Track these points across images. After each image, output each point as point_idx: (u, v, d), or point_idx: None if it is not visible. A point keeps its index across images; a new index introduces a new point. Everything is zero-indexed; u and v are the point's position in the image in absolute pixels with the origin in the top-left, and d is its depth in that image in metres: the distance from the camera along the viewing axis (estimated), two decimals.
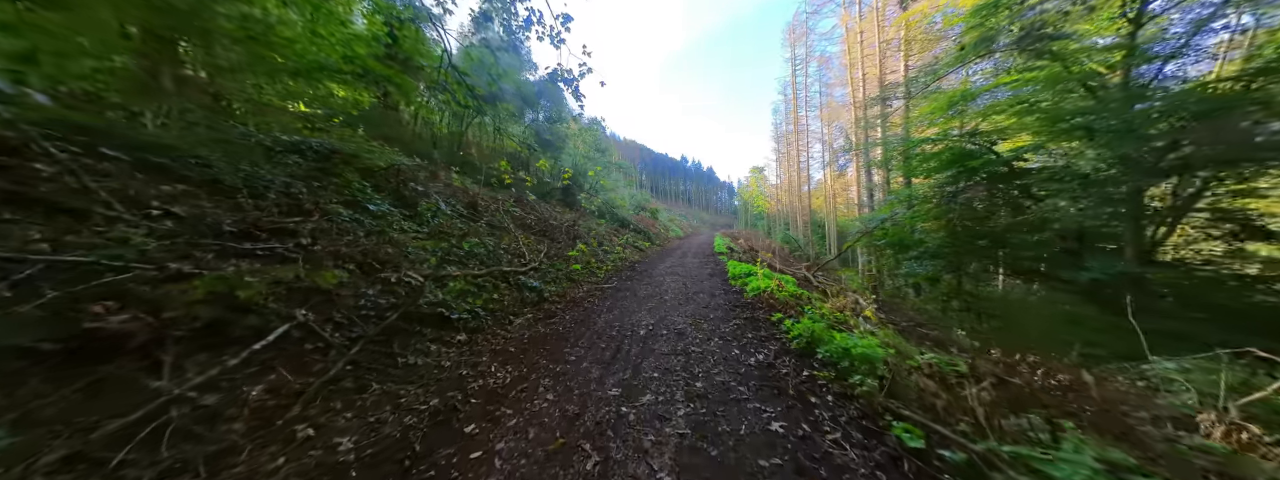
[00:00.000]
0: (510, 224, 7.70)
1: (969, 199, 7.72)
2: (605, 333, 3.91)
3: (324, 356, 2.35)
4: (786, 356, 3.17)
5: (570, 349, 3.43)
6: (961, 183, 8.05)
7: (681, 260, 10.90)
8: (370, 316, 2.86)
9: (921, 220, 8.86)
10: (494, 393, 2.50)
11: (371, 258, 3.35)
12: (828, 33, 19.35)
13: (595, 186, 16.50)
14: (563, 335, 3.80)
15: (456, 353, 3.11)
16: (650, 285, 6.73)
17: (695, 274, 8.30)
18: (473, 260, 4.81)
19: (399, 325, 2.96)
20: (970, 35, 7.80)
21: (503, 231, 7.17)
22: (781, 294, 5.06)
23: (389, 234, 4.12)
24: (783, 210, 30.99)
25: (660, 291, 6.14)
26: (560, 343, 3.58)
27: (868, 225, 8.79)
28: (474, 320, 3.65)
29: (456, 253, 4.60)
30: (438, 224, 5.41)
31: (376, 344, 2.69)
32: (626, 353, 3.33)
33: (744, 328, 4.04)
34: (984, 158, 7.77)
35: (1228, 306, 5.58)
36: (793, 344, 3.36)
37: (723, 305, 5.12)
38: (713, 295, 5.84)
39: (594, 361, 3.12)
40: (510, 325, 3.98)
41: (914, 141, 9.47)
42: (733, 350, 3.39)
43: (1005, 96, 7.45)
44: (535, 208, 10.32)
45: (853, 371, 2.60)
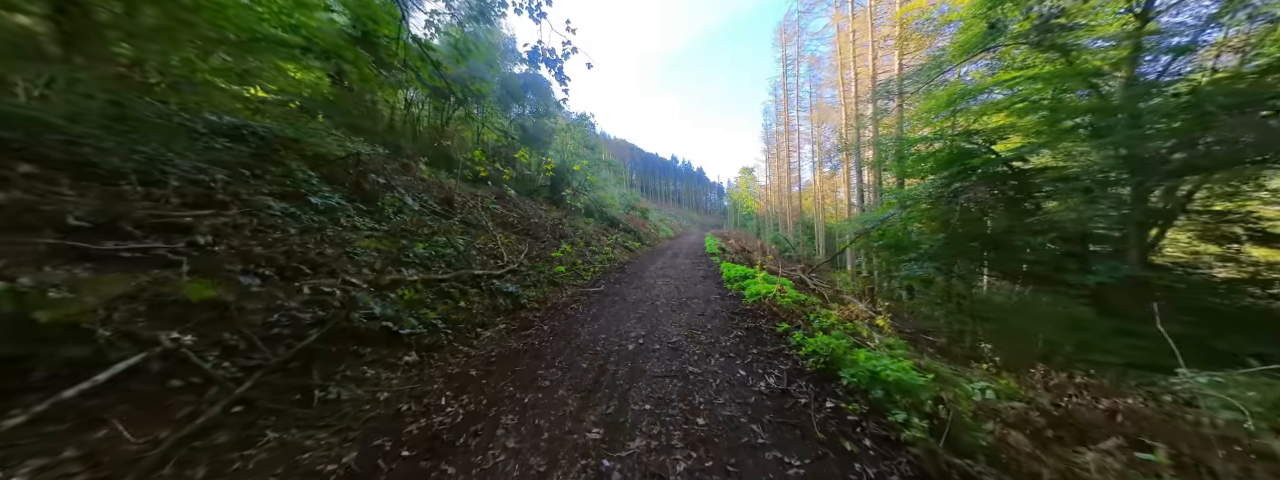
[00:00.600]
0: (489, 222, 7.03)
1: (968, 200, 7.37)
2: (588, 348, 3.32)
3: (199, 396, 1.71)
4: (802, 380, 2.64)
5: (545, 370, 2.83)
6: (960, 183, 7.71)
7: (673, 261, 10.36)
8: (283, 337, 2.21)
9: (918, 221, 8.51)
10: (437, 439, 1.89)
11: (298, 260, 2.69)
12: (819, 32, 19.10)
13: (584, 184, 15.84)
14: (538, 351, 3.20)
15: (401, 379, 2.48)
16: (641, 289, 6.16)
17: (688, 276, 7.76)
18: (438, 262, 4.16)
19: (324, 347, 2.32)
20: (972, 30, 7.44)
21: (479, 230, 6.50)
22: (784, 300, 4.56)
23: (330, 231, 3.44)
24: (772, 211, 30.83)
25: (651, 296, 5.57)
26: (534, 361, 2.98)
27: (865, 226, 8.40)
28: (430, 335, 3.02)
29: (416, 254, 3.94)
30: (401, 221, 4.73)
31: (286, 374, 2.05)
32: (612, 376, 2.75)
33: (747, 341, 3.50)
34: (983, 157, 7.43)
35: (1220, 311, 5.30)
36: (807, 364, 2.83)
37: (720, 312, 4.59)
38: (708, 301, 5.30)
39: (572, 388, 2.53)
40: (476, 339, 3.35)
41: (909, 141, 9.12)
42: (737, 371, 2.84)
43: (1003, 96, 7.12)
44: (518, 205, 9.64)
45: (890, 404, 2.08)
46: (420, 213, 5.57)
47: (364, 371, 2.39)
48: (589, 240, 10.23)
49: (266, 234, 2.81)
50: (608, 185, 19.60)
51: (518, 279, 5.21)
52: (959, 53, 7.02)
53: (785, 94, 23.39)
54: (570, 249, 7.20)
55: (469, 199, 7.64)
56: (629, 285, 6.49)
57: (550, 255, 6.62)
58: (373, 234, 4.07)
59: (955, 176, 7.66)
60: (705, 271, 8.55)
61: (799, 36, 20.44)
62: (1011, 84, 6.83)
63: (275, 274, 2.51)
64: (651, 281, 6.90)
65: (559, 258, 6.95)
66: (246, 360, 1.96)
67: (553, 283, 5.90)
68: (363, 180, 5.00)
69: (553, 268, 6.37)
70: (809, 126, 23.11)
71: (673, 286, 6.39)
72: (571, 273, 6.73)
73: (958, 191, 7.74)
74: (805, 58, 20.89)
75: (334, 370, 2.26)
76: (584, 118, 15.36)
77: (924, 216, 8.42)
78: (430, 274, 3.80)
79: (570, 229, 9.48)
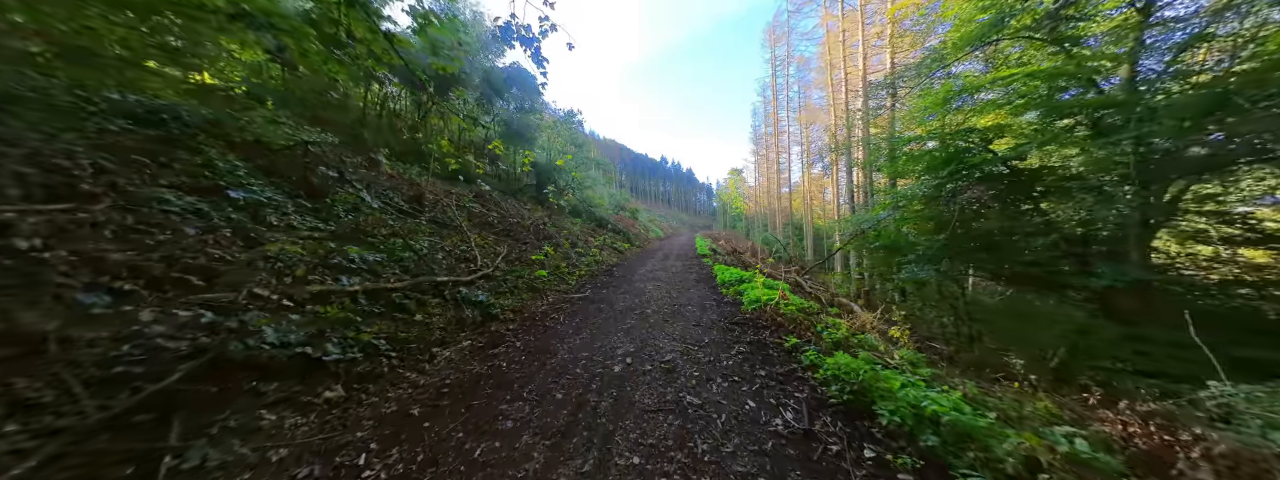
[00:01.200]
0: (463, 222, 6.38)
1: (966, 200, 7.06)
2: (566, 371, 2.75)
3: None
4: (826, 416, 2.12)
5: (510, 404, 2.25)
6: (957, 183, 7.39)
7: (664, 263, 9.84)
8: (132, 377, 1.58)
9: (912, 222, 8.18)
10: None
11: (185, 269, 2.04)
12: (809, 32, 18.90)
13: (570, 182, 15.21)
14: (504, 377, 2.62)
15: (313, 425, 1.87)
16: (630, 294, 5.60)
17: (680, 279, 7.25)
18: (392, 268, 3.52)
19: (197, 388, 1.69)
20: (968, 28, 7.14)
21: (452, 231, 5.85)
22: (787, 308, 4.07)
23: (252, 232, 2.78)
24: (761, 212, 30.67)
25: (641, 303, 5.02)
26: (497, 393, 2.39)
27: (861, 226, 8.03)
28: (366, 361, 2.40)
29: (361, 259, 3.29)
30: (353, 221, 4.07)
31: (122, 432, 1.43)
32: (593, 410, 2.19)
33: (752, 359, 2.98)
34: (980, 157, 7.12)
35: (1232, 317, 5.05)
36: (830, 393, 2.32)
37: (717, 322, 4.07)
38: (703, 308, 4.78)
39: (540, 432, 1.95)
40: (430, 363, 2.74)
41: (903, 139, 8.80)
42: (745, 400, 2.31)
43: (998, 94, 6.83)
44: (499, 204, 8.98)
45: (951, 456, 1.59)
46: (381, 211, 4.90)
47: (260, 418, 1.77)
48: (575, 241, 9.63)
49: (143, 236, 2.16)
50: (596, 185, 18.99)
51: (491, 286, 4.59)
52: (960, 45, 6.68)
53: (774, 95, 23.18)
54: (553, 251, 6.59)
55: (442, 197, 6.96)
56: (617, 290, 5.93)
57: (530, 258, 6.01)
58: (313, 235, 3.41)
59: (951, 176, 7.35)
60: (697, 274, 8.05)
61: (788, 37, 20.23)
62: (1009, 82, 6.52)
63: (143, 288, 1.86)
64: (641, 286, 6.36)
65: (541, 261, 6.34)
66: (54, 418, 1.34)
67: (532, 289, 5.30)
68: (311, 173, 4.31)
69: (533, 272, 5.75)
70: (798, 128, 22.95)
71: (664, 291, 5.85)
72: (554, 277, 6.13)
73: (955, 191, 7.43)
74: (794, 58, 20.71)
75: (209, 421, 1.64)
76: (571, 114, 14.73)
77: (918, 217, 8.10)
78: (379, 282, 3.16)
79: (554, 229, 8.85)
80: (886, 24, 11.20)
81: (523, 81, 13.39)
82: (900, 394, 2.03)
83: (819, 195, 26.43)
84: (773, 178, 26.44)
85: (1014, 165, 6.81)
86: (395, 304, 3.08)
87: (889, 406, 1.96)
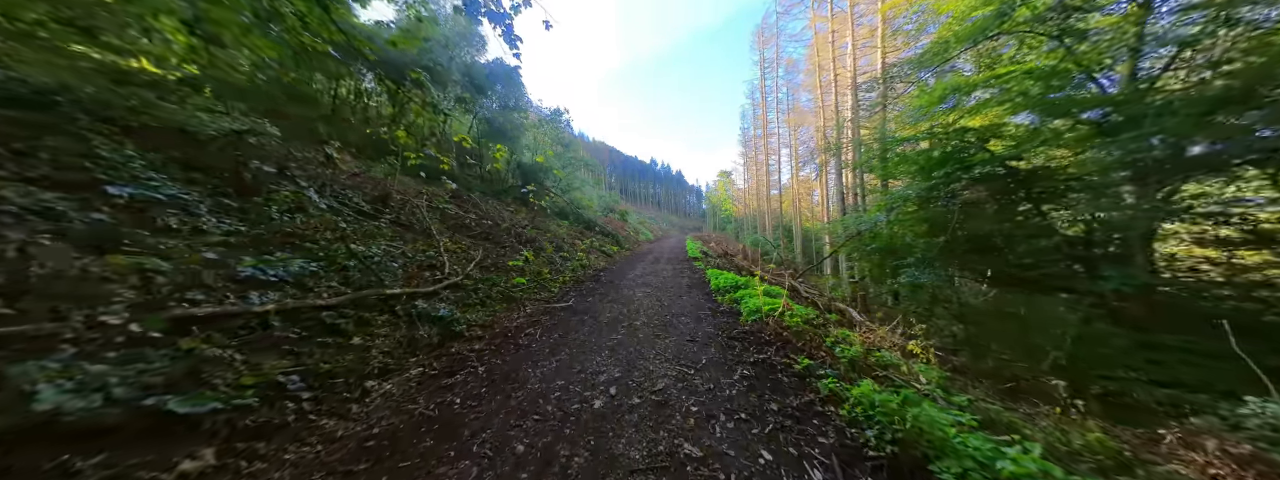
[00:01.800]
0: (433, 224, 5.75)
1: (965, 201, 6.75)
2: (534, 408, 2.20)
3: None
4: (862, 474, 1.63)
5: (451, 465, 1.69)
6: (954, 183, 7.08)
7: (654, 267, 9.32)
8: None
9: (908, 224, 7.86)
10: None
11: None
12: (797, 35, 18.74)
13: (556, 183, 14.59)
14: (453, 421, 2.05)
15: None
16: (617, 303, 5.06)
17: (671, 285, 6.74)
18: (330, 280, 2.91)
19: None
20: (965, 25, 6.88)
21: (418, 235, 5.22)
22: (792, 320, 3.59)
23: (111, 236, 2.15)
24: (750, 214, 30.50)
25: (630, 313, 4.49)
26: (440, 446, 1.82)
27: (858, 228, 7.67)
28: (263, 408, 1.80)
29: (286, 271, 2.68)
30: (290, 223, 3.43)
31: None
32: (562, 473, 1.64)
33: (759, 385, 2.48)
34: (978, 157, 6.81)
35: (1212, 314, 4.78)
36: (865, 440, 1.82)
37: (715, 336, 3.56)
38: (698, 319, 4.27)
39: None
40: (362, 401, 2.15)
41: (895, 140, 8.49)
42: (759, 452, 1.80)
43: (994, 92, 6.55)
44: (478, 206, 8.34)
45: None
46: (332, 212, 4.25)
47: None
48: (561, 245, 9.04)
49: None
50: (584, 186, 18.41)
51: (458, 297, 3.99)
52: (962, 39, 6.37)
53: (763, 97, 23.01)
54: (532, 257, 5.99)
55: (412, 197, 6.31)
56: (603, 298, 5.38)
57: (508, 264, 5.41)
58: (228, 240, 2.77)
59: (947, 177, 7.04)
60: (690, 279, 7.56)
61: (777, 39, 20.06)
62: (1005, 80, 6.21)
63: None
64: (630, 293, 5.82)
65: (519, 267, 5.74)
66: None
67: (508, 298, 4.71)
68: (243, 168, 3.65)
69: (510, 280, 5.16)
70: (787, 130, 22.81)
71: (655, 300, 5.33)
72: (535, 284, 5.54)
73: (954, 192, 7.12)
74: (783, 60, 20.55)
75: None
76: (557, 113, 14.14)
77: (913, 219, 7.78)
78: (306, 298, 2.55)
79: (535, 232, 8.24)
80: (877, 24, 10.98)
81: (506, 78, 12.76)
82: (959, 442, 1.55)
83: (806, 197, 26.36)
84: (762, 180, 26.27)
85: (1012, 165, 6.52)
86: (325, 325, 2.47)
87: (953, 468, 1.47)
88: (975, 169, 6.82)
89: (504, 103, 12.61)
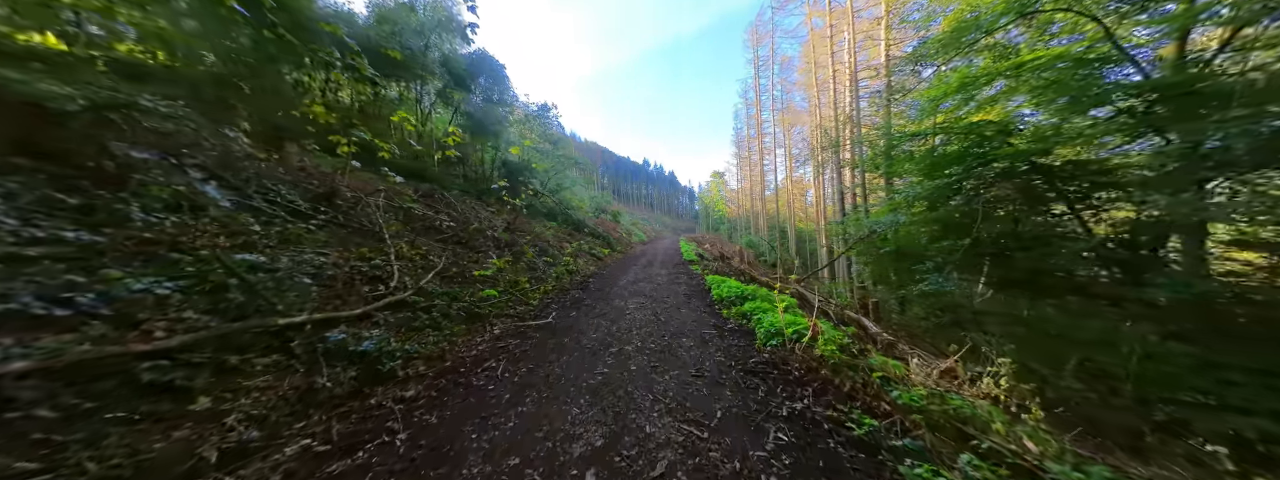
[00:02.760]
0: (395, 225, 4.84)
1: (990, 200, 6.07)
2: None
3: None
4: None
5: None
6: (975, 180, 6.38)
7: (648, 271, 8.50)
8: None
9: (921, 225, 7.14)
10: None
11: None
12: (793, 30, 18.14)
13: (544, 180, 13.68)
14: None
15: None
16: (606, 318, 4.22)
17: (667, 293, 5.92)
18: (184, 307, 2.02)
19: None
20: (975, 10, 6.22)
21: (367, 239, 4.31)
22: (826, 348, 2.79)
23: None
24: (743, 214, 29.91)
25: (620, 333, 3.65)
26: None
27: (872, 228, 6.95)
28: None
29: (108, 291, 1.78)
30: (158, 225, 2.52)
31: None
32: None
33: (805, 462, 1.68)
34: (1001, 151, 6.11)
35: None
36: None
37: (728, 369, 2.75)
38: (703, 341, 3.46)
39: None
40: None
41: (903, 136, 7.79)
42: None
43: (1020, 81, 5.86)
44: (452, 205, 7.42)
45: None
46: (251, 212, 3.34)
47: None
48: (546, 248, 8.16)
49: None
50: (574, 186, 17.51)
51: (402, 319, 3.11)
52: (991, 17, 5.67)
53: (758, 96, 22.40)
54: (503, 264, 5.10)
55: (368, 194, 5.38)
56: (590, 311, 4.55)
57: (474, 274, 4.52)
58: (34, 250, 1.86)
59: (968, 173, 6.36)
60: (688, 286, 6.75)
61: (772, 36, 19.45)
62: (1035, 66, 5.51)
63: None
64: (621, 304, 4.99)
65: (490, 276, 4.85)
66: None
67: (473, 316, 3.83)
68: (105, 154, 2.73)
69: (477, 292, 4.28)
70: (780, 130, 22.22)
71: (650, 313, 4.50)
72: (509, 297, 4.66)
73: (975, 190, 6.44)
74: (778, 58, 19.94)
75: None
76: (545, 108, 13.25)
77: (925, 220, 7.08)
78: (105, 346, 1.65)
79: (507, 236, 7.34)
80: (880, 14, 10.34)
81: (490, 71, 11.83)
82: None
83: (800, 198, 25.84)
84: (755, 180, 25.67)
85: (1041, 161, 5.85)
86: (139, 386, 1.58)
87: None
88: (995, 165, 6.14)
89: (487, 96, 11.68)
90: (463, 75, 10.71)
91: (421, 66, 9.19)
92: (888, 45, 10.22)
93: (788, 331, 3.06)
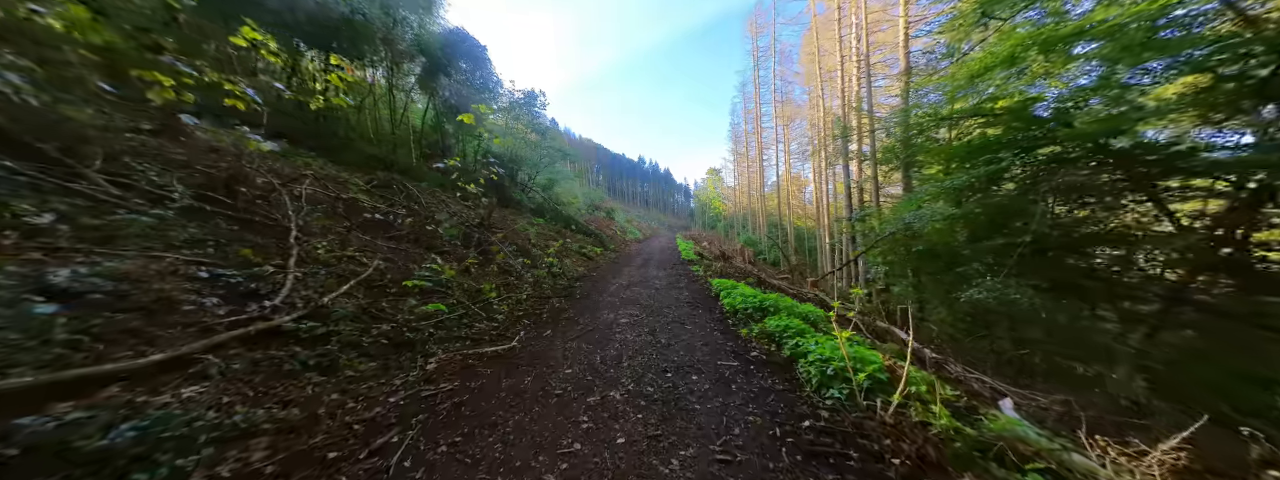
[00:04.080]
0: (321, 220, 3.69)
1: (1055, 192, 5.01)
2: None
3: None
4: None
5: None
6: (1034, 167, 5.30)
7: (643, 273, 7.40)
8: None
9: (955, 221, 6.05)
10: None
11: None
12: (795, 18, 17.02)
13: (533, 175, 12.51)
14: None
15: None
16: (588, 343, 3.11)
17: (667, 302, 4.81)
18: None
19: None
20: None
21: (264, 237, 3.14)
22: (940, 421, 1.73)
23: None
24: (740, 212, 28.86)
25: (605, 367, 2.54)
26: None
27: (905, 220, 5.88)
28: None
29: None
30: None
31: None
32: None
33: None
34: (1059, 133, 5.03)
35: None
36: None
37: (774, 438, 1.68)
38: (723, 381, 2.37)
39: None
40: None
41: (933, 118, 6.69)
42: None
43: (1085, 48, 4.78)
44: (415, 197, 6.24)
45: None
46: (15, 196, 2.18)
47: None
48: (527, 248, 7.02)
49: None
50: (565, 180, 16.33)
51: (260, 362, 1.97)
52: None
53: (757, 89, 21.29)
54: (452, 271, 3.94)
55: (292, 180, 4.20)
56: (569, 331, 3.43)
57: (405, 284, 3.35)
58: None
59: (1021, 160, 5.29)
60: (691, 291, 5.66)
61: (773, 24, 18.32)
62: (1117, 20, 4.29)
63: None
64: (610, 318, 3.88)
65: (436, 285, 3.70)
66: None
67: (400, 344, 2.70)
68: None
69: (413, 307, 3.13)
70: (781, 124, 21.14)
71: (646, 333, 3.40)
72: (465, 312, 3.53)
73: (1033, 178, 5.39)
74: (779, 48, 18.81)
75: None
76: (532, 96, 12.05)
77: (968, 214, 5.99)
78: None
79: (476, 233, 6.20)
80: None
81: (469, 52, 10.59)
82: None
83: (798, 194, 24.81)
84: (753, 177, 24.62)
85: (1116, 144, 4.79)
86: None
87: None
88: (1049, 149, 5.09)
89: (469, 81, 10.45)
90: (435, 55, 9.48)
91: (383, 40, 7.96)
92: (907, 22, 9.15)
93: (858, 378, 1.97)
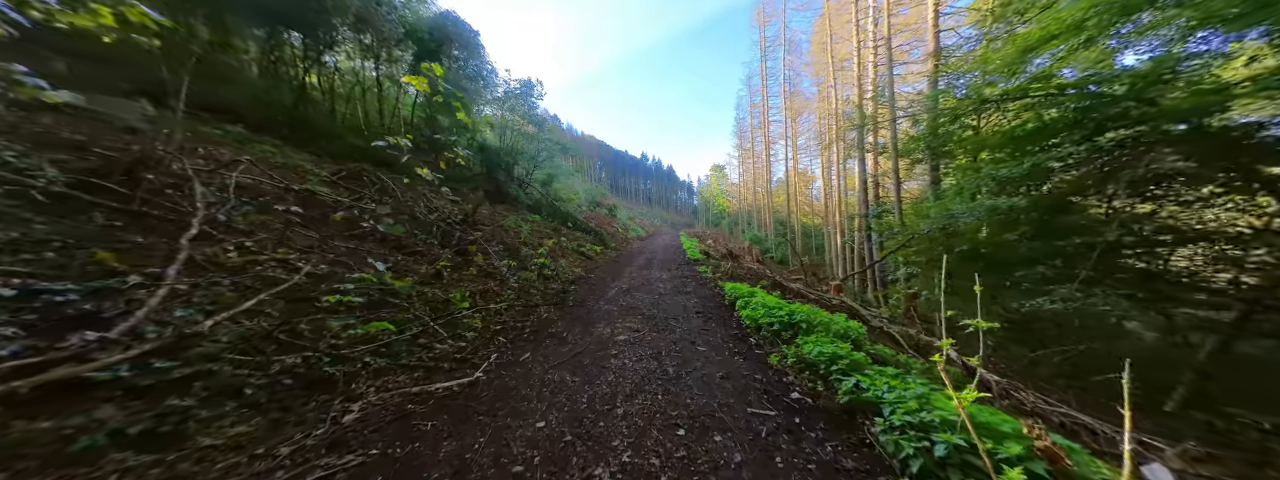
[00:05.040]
0: (245, 217, 2.97)
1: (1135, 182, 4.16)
2: None
3: None
4: None
5: None
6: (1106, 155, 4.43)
7: (645, 275, 6.63)
8: None
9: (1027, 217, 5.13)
10: None
11: None
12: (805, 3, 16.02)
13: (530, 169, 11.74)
14: None
15: None
16: (574, 373, 2.36)
17: (675, 311, 4.03)
18: None
19: None
20: None
21: (157, 236, 2.41)
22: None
23: None
24: (745, 208, 27.96)
25: (594, 415, 1.76)
26: None
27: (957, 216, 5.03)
28: None
29: None
30: None
31: None
32: None
33: None
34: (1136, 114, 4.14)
35: None
36: None
37: None
38: (764, 449, 1.60)
39: None
40: None
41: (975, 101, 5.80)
42: None
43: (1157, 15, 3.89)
44: (392, 192, 5.50)
45: None
46: None
47: None
48: (516, 248, 6.27)
49: None
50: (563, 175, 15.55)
51: (39, 435, 1.23)
52: None
53: (763, 81, 20.32)
54: (391, 278, 3.17)
55: (222, 166, 3.46)
56: (553, 354, 2.69)
57: (326, 300, 2.60)
58: None
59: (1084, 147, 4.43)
60: (700, 298, 4.88)
61: (782, 12, 17.32)
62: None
63: None
64: (607, 335, 3.13)
65: (369, 299, 2.95)
66: None
67: (316, 382, 1.96)
68: None
69: (349, 329, 2.39)
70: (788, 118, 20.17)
71: (651, 357, 2.64)
72: (418, 332, 2.78)
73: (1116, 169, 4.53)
74: (787, 36, 17.82)
75: None
76: (529, 86, 11.26)
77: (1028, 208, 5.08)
78: None
79: (393, 229, 5.45)
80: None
81: (461, 38, 9.80)
82: None
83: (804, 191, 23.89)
84: (759, 172, 23.69)
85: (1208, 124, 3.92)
86: None
87: None
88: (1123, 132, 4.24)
89: (462, 69, 9.67)
90: (424, 39, 8.71)
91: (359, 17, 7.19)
92: (936, 1, 8.25)
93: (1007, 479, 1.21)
